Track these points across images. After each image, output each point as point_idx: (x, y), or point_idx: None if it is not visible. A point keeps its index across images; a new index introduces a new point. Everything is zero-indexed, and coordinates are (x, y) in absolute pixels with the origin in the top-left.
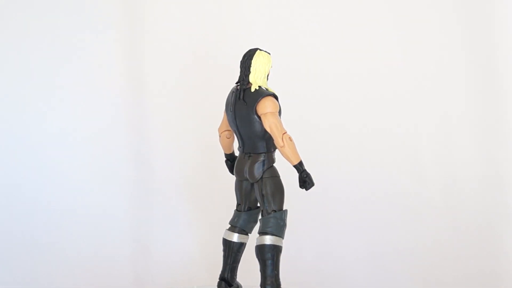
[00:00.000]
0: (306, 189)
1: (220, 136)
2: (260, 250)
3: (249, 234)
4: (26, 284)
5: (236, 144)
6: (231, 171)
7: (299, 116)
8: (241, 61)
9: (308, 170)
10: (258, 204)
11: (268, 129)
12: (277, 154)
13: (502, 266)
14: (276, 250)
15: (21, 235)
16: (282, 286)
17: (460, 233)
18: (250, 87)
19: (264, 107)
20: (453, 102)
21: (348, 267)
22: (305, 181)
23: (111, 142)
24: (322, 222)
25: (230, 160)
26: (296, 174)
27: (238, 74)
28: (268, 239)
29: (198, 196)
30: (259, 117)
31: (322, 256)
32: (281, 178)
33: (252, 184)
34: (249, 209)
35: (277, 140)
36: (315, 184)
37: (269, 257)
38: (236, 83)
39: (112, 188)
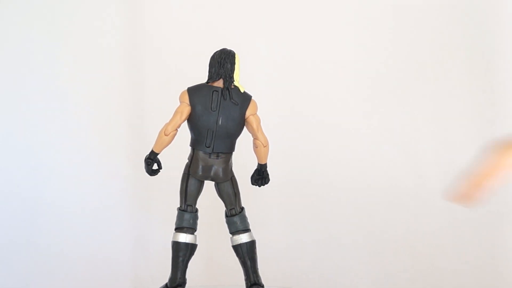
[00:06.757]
0: (260, 186)
1: (167, 135)
2: (248, 247)
3: None
4: (26, 283)
5: (181, 142)
6: (151, 172)
7: (299, 115)
8: (219, 60)
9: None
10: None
11: (255, 129)
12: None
13: (502, 265)
14: (255, 245)
15: (21, 234)
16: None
17: (460, 232)
18: (238, 88)
19: (254, 108)
20: (453, 102)
21: (348, 266)
22: (266, 178)
23: (111, 142)
24: (321, 222)
25: (155, 161)
26: (248, 173)
27: (216, 72)
28: (248, 236)
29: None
30: (244, 118)
31: (322, 256)
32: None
33: (200, 184)
34: (196, 210)
35: (264, 139)
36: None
37: (254, 252)
38: (207, 82)
39: (112, 188)
